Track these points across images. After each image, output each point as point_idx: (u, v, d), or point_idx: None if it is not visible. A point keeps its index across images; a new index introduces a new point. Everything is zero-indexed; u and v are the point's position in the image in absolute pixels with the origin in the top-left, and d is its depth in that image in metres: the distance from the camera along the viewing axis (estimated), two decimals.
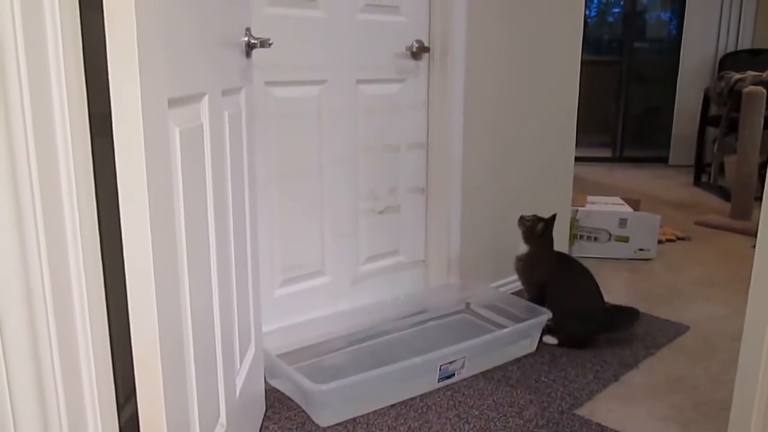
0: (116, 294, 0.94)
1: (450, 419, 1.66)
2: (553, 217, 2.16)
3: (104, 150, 0.89)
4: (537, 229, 2.13)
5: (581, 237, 3.01)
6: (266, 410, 1.69)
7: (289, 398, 1.74)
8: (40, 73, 0.76)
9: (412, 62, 2.14)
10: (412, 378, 1.75)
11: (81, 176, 0.83)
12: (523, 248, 2.16)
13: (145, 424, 0.92)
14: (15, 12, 0.72)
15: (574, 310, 2.08)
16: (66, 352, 0.82)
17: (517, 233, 2.18)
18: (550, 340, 2.08)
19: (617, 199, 3.23)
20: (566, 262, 2.20)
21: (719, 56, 5.22)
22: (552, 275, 2.14)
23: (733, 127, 4.08)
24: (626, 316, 2.14)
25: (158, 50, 0.87)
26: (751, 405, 1.20)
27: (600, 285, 2.08)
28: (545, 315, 2.01)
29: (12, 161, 0.74)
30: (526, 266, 2.16)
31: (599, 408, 1.73)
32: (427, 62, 2.18)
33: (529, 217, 2.16)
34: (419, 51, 2.13)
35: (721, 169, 4.55)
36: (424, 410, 1.70)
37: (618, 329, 2.11)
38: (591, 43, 5.72)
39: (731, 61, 5.06)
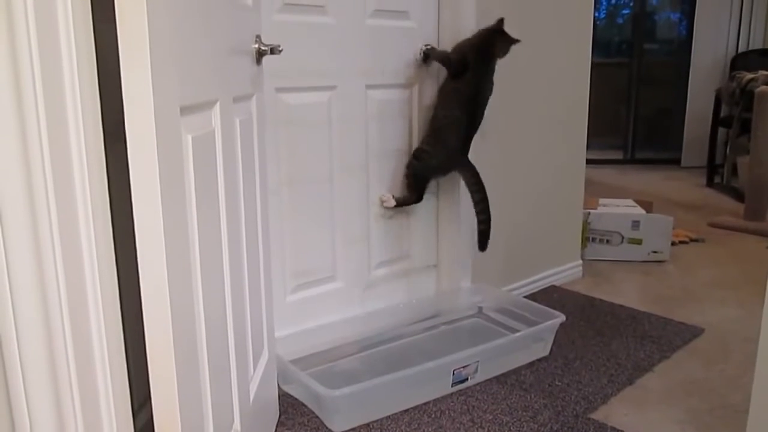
0: (131, 300, 0.95)
1: (464, 424, 1.65)
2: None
3: (118, 157, 0.90)
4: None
5: (593, 240, 3.00)
6: (280, 416, 1.69)
7: (303, 404, 1.74)
8: (54, 83, 0.77)
9: (422, 67, 2.14)
10: (425, 383, 1.75)
11: (95, 183, 0.84)
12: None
13: (160, 429, 0.93)
14: (30, 24, 0.73)
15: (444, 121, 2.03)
16: (81, 358, 0.83)
17: (528, 236, 2.17)
18: (389, 201, 2.09)
19: (629, 202, 3.21)
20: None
21: (730, 56, 5.19)
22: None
23: (745, 127, 4.04)
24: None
25: (170, 59, 0.87)
26: None
27: (613, 288, 2.05)
28: (558, 319, 2.00)
29: (27, 169, 0.74)
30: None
31: (614, 412, 1.71)
32: (436, 67, 2.18)
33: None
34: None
35: (734, 170, 4.52)
36: (438, 415, 1.70)
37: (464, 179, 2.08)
38: (601, 45, 5.70)
39: (743, 61, 5.02)
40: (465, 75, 2.00)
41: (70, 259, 0.80)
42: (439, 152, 2.06)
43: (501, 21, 2.02)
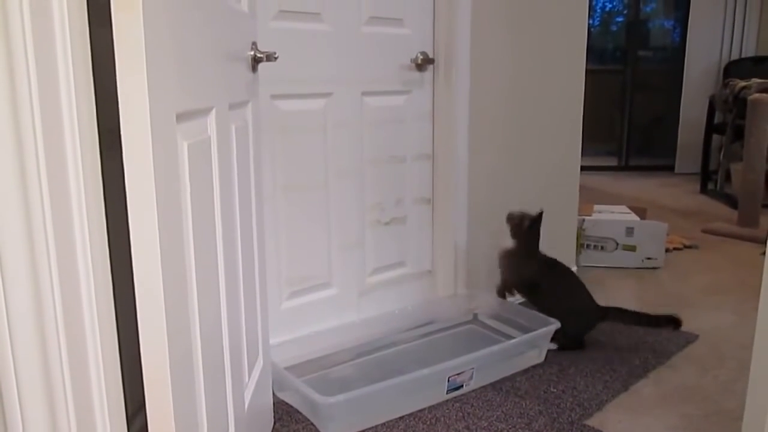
0: (125, 306, 0.95)
1: (459, 431, 1.65)
2: (540, 214, 2.14)
3: (113, 164, 0.90)
4: (524, 225, 2.14)
5: (588, 246, 3.00)
6: (274, 423, 1.68)
7: (297, 411, 1.73)
8: (50, 89, 0.77)
9: (416, 74, 2.15)
10: (420, 390, 1.75)
11: (91, 190, 0.84)
12: (510, 243, 2.17)
13: None
14: (26, 30, 0.73)
15: (571, 308, 2.11)
16: (76, 365, 0.83)
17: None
18: (549, 345, 2.07)
19: (624, 208, 3.22)
20: (552, 262, 2.20)
21: (723, 64, 5.22)
22: (541, 274, 2.16)
23: (738, 134, 4.07)
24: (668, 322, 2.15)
25: (166, 65, 0.88)
26: (764, 414, 1.19)
27: (608, 294, 2.09)
28: (553, 325, 2.00)
29: (23, 176, 0.74)
30: (513, 262, 2.18)
31: (609, 418, 1.72)
32: (431, 74, 2.19)
33: (516, 213, 2.17)
34: (424, 63, 2.14)
35: (728, 177, 4.54)
36: (433, 422, 1.69)
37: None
38: (595, 52, 5.73)
39: (736, 68, 5.06)
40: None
41: (65, 266, 0.80)
42: (588, 322, 2.16)
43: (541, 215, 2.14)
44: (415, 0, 2.10)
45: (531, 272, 2.16)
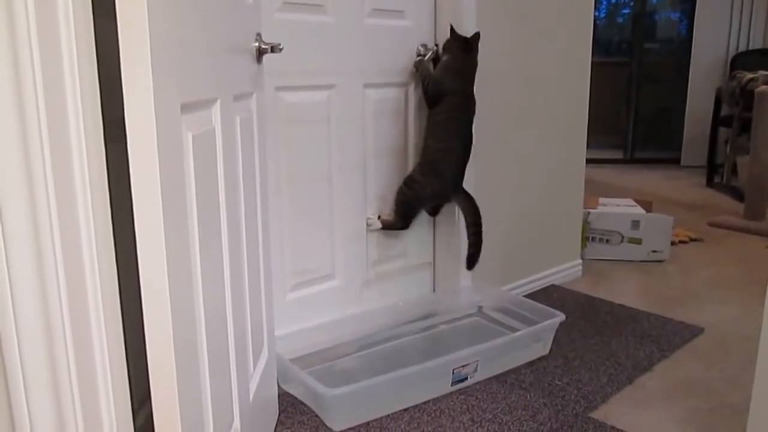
0: (130, 297, 0.95)
1: (463, 423, 1.65)
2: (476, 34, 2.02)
3: (118, 155, 0.90)
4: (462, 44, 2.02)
5: (593, 239, 3.00)
6: (279, 415, 1.69)
7: (302, 402, 1.74)
8: (54, 80, 0.77)
9: None
10: (424, 382, 1.75)
11: (95, 181, 0.84)
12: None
13: (160, 428, 0.92)
14: (30, 21, 0.72)
15: (434, 156, 2.01)
16: (81, 356, 0.83)
17: (528, 235, 2.17)
18: (375, 223, 2.07)
19: (629, 201, 3.21)
20: (470, 108, 2.04)
21: (730, 56, 5.19)
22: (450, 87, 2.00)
23: (745, 127, 4.04)
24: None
25: (171, 56, 0.87)
26: None
27: (613, 287, 2.05)
28: (558, 318, 2.00)
29: (28, 167, 0.74)
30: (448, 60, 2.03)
31: (614, 411, 1.71)
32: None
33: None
34: (426, 55, 2.13)
35: (734, 170, 4.52)
36: (437, 414, 1.70)
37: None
38: (601, 44, 5.70)
39: (743, 60, 5.03)
40: (446, 102, 2.00)
41: (70, 258, 0.80)
42: (435, 184, 2.04)
43: (477, 37, 2.03)
44: None
45: (445, 78, 2.01)
